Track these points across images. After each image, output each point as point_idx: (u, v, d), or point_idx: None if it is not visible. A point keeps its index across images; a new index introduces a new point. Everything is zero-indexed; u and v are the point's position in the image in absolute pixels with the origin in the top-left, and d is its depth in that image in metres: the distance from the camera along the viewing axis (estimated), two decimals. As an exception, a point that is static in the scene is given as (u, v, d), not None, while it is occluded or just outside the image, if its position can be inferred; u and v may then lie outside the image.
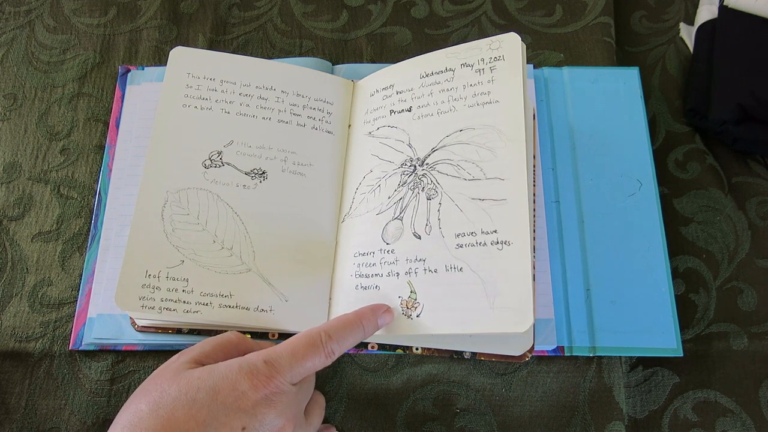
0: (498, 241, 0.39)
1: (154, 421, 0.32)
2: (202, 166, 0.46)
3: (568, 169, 0.51)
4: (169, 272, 0.42)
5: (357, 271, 0.43)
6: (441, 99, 0.45)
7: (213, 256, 0.43)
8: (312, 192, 0.46)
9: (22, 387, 0.45)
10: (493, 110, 0.43)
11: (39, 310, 0.47)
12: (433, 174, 0.43)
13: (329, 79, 0.51)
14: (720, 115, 0.52)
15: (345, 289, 0.43)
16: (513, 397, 0.45)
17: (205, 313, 0.42)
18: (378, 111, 0.48)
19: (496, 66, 0.44)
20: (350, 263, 0.44)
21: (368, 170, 0.46)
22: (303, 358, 0.35)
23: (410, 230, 0.42)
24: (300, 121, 0.48)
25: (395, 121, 0.46)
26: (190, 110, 0.47)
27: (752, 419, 0.45)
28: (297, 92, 0.49)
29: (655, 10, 0.60)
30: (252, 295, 0.43)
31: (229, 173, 0.46)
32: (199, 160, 0.46)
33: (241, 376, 0.33)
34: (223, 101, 0.48)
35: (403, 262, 0.41)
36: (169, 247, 0.43)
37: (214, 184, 0.45)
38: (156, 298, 0.41)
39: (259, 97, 0.48)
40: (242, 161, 0.46)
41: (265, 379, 0.33)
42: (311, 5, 0.60)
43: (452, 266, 0.40)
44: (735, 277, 0.49)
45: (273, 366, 0.34)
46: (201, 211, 0.44)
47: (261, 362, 0.34)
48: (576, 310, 0.46)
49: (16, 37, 0.58)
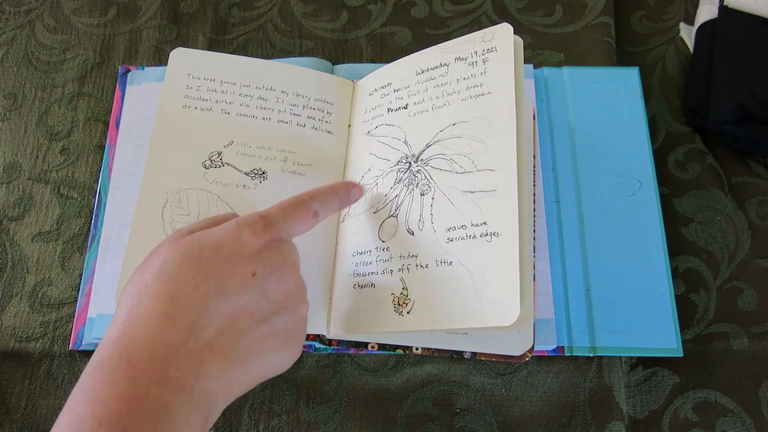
0: (487, 233, 0.38)
1: (162, 286, 0.31)
2: (202, 167, 0.46)
3: (568, 169, 0.51)
4: None
5: (355, 270, 0.43)
6: (435, 94, 0.45)
7: None
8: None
9: (22, 387, 0.45)
10: (485, 101, 0.42)
11: (39, 310, 0.47)
12: (427, 169, 0.43)
13: (329, 79, 0.51)
14: (720, 115, 0.52)
15: (344, 288, 0.43)
16: (513, 397, 0.45)
17: None
18: (376, 110, 0.48)
19: (488, 58, 0.43)
20: (349, 262, 0.44)
21: (366, 169, 0.46)
22: (292, 213, 0.36)
23: (404, 227, 0.42)
24: (300, 121, 0.48)
25: (392, 119, 0.46)
26: (190, 111, 0.47)
27: (752, 419, 0.45)
28: (297, 92, 0.49)
29: (655, 10, 0.60)
30: None
31: (229, 173, 0.46)
32: (199, 161, 0.46)
33: (240, 228, 0.33)
34: (223, 102, 0.48)
35: (397, 259, 0.41)
36: None
37: (214, 184, 0.45)
38: None
39: (259, 97, 0.49)
40: (242, 161, 0.46)
41: (263, 227, 0.34)
42: (311, 5, 0.60)
43: (442, 261, 0.39)
44: (735, 277, 0.49)
45: (268, 219, 0.34)
46: (201, 211, 0.44)
47: (257, 216, 0.34)
48: (576, 310, 0.46)
49: (16, 37, 0.58)
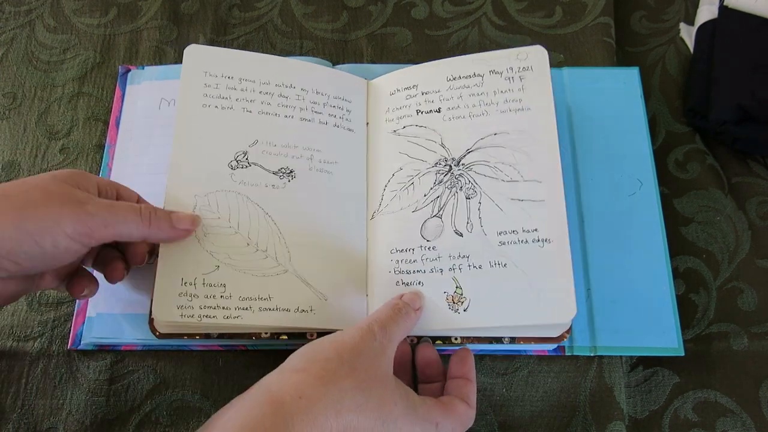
0: (539, 239, 0.42)
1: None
2: (229, 168, 0.45)
3: (568, 168, 0.51)
4: (206, 278, 0.41)
5: (396, 268, 0.43)
6: (472, 102, 0.47)
7: (248, 259, 0.42)
8: (340, 189, 0.46)
9: (19, 386, 0.45)
10: (526, 117, 0.46)
11: (37, 309, 0.47)
12: (471, 174, 0.45)
13: (345, 77, 0.50)
14: (720, 115, 0.52)
15: (384, 285, 0.44)
16: (514, 397, 0.45)
17: (245, 317, 0.41)
18: (402, 110, 0.48)
19: (524, 76, 0.47)
20: (386, 259, 0.44)
21: (398, 168, 0.47)
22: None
23: (451, 228, 0.43)
24: (322, 119, 0.48)
25: (424, 120, 0.47)
26: (210, 110, 0.46)
27: (752, 419, 0.44)
28: (316, 90, 0.49)
29: (655, 10, 0.60)
30: (291, 296, 0.42)
31: (256, 173, 0.45)
32: (225, 162, 0.45)
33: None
34: (243, 100, 0.47)
35: (446, 259, 0.43)
36: (203, 252, 0.42)
37: (242, 185, 0.44)
38: (194, 306, 0.40)
39: (279, 95, 0.48)
40: (269, 161, 0.45)
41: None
42: (311, 6, 0.60)
43: (497, 262, 0.42)
44: (735, 277, 0.49)
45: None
46: (232, 213, 0.43)
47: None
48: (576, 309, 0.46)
49: (16, 37, 0.58)
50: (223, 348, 0.46)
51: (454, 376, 0.40)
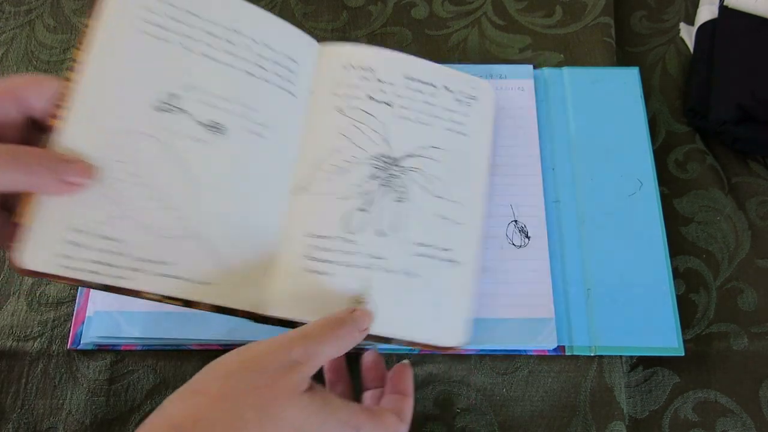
0: (450, 259, 0.44)
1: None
2: (151, 108, 0.38)
3: (567, 168, 0.51)
4: (99, 229, 0.36)
5: (308, 253, 0.42)
6: (422, 109, 0.47)
7: (152, 215, 0.37)
8: (268, 156, 0.42)
9: (19, 386, 0.45)
10: (464, 141, 0.47)
11: (37, 309, 0.47)
12: (405, 179, 0.45)
13: (298, 34, 0.46)
14: (720, 115, 0.52)
15: (293, 269, 0.42)
16: (514, 397, 0.45)
17: (139, 281, 0.36)
18: (353, 90, 0.46)
19: (471, 104, 0.49)
20: (302, 242, 0.42)
21: (335, 149, 0.45)
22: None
23: (375, 226, 0.43)
24: (267, 76, 0.43)
25: (373, 109, 0.46)
26: (143, 37, 0.39)
27: (752, 419, 0.44)
28: (266, 43, 0.43)
29: (655, 10, 0.61)
30: (192, 264, 0.38)
31: (181, 121, 0.39)
32: (148, 101, 0.38)
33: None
34: (184, 36, 0.40)
35: (362, 256, 0.42)
36: (103, 198, 0.36)
37: (163, 131, 0.38)
38: (81, 258, 0.35)
39: (227, 40, 0.42)
40: (199, 110, 0.40)
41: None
42: (311, 6, 0.60)
43: (409, 272, 0.43)
44: (735, 277, 0.49)
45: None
46: (142, 160, 0.38)
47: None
48: (576, 309, 0.46)
49: (16, 37, 0.58)
50: (223, 347, 0.46)
51: (391, 392, 0.39)
